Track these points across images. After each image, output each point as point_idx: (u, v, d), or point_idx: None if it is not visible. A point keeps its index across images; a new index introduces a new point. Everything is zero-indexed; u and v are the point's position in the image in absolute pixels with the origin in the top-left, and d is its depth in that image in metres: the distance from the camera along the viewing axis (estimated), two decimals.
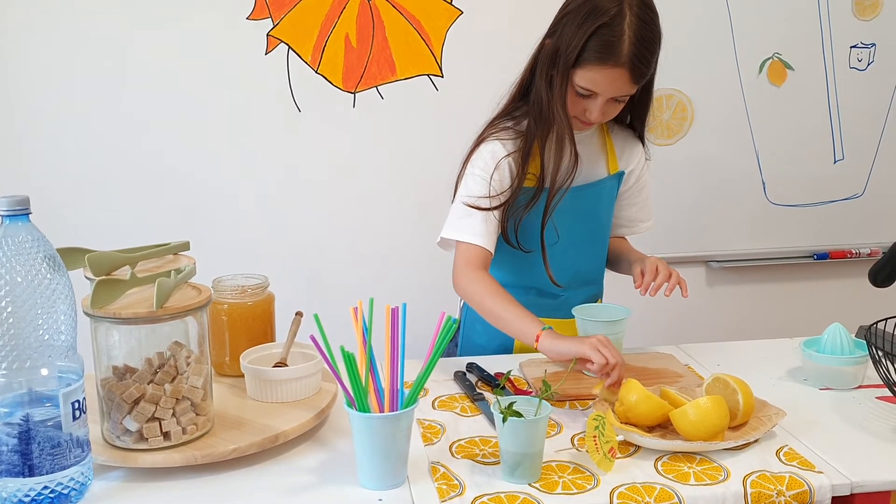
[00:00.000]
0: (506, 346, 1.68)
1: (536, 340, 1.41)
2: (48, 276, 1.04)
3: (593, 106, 1.50)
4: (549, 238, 1.60)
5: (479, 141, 1.60)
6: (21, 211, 1.04)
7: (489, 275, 1.55)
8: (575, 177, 1.56)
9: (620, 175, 1.69)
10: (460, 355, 1.75)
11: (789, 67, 2.52)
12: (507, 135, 1.57)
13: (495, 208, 1.54)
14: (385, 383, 1.16)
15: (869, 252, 2.66)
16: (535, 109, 1.55)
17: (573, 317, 1.54)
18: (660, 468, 1.18)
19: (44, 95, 2.27)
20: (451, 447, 1.25)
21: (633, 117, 1.67)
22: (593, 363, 1.33)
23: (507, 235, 1.57)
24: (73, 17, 2.24)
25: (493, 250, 1.56)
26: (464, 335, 1.76)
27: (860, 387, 1.47)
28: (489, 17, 2.32)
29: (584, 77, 1.47)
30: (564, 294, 1.66)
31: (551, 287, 1.63)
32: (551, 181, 1.54)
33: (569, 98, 1.52)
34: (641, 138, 1.71)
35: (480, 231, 1.54)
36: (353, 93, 2.38)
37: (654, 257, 1.59)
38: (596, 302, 1.74)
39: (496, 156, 1.56)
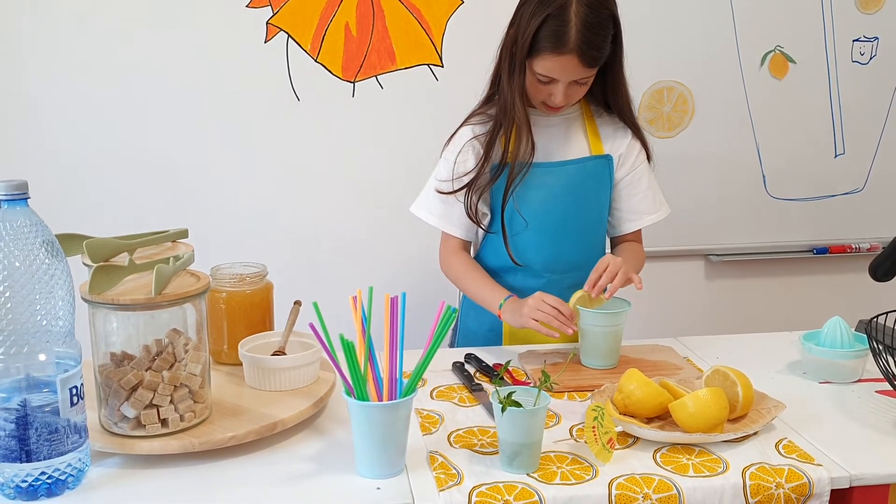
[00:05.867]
0: (495, 330, 1.73)
1: (500, 317, 1.60)
2: (46, 261, 1.03)
3: (556, 90, 1.57)
4: (518, 222, 1.65)
5: (456, 129, 1.70)
6: (19, 195, 1.03)
7: (463, 255, 1.71)
8: (535, 158, 1.62)
9: (608, 158, 1.70)
10: (459, 342, 1.80)
11: (791, 60, 2.51)
12: (478, 119, 1.68)
13: (456, 191, 1.65)
14: (384, 372, 1.15)
15: (869, 247, 2.66)
16: (501, 98, 1.63)
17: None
18: (658, 460, 1.18)
19: (44, 83, 2.26)
20: (449, 437, 1.25)
21: (611, 103, 1.69)
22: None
23: (470, 212, 1.65)
24: (74, 5, 2.23)
25: (450, 229, 1.69)
26: (462, 321, 1.81)
27: (860, 381, 1.47)
28: (490, 6, 2.31)
29: (540, 65, 1.54)
30: (547, 276, 1.69)
31: (537, 269, 1.68)
32: (511, 163, 1.61)
33: (532, 85, 1.59)
34: (632, 128, 1.71)
35: (438, 212, 1.68)
36: (353, 82, 2.37)
37: (609, 255, 1.57)
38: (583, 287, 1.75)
39: (463, 139, 1.66)
